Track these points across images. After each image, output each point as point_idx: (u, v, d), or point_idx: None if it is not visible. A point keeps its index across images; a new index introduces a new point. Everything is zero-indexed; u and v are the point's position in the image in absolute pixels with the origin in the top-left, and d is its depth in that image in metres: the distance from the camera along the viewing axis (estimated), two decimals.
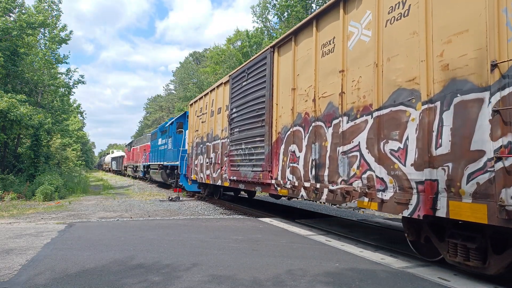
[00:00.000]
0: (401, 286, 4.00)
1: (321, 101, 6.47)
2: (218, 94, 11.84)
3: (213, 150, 11.98)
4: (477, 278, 4.38)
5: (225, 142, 10.77)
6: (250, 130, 9.11)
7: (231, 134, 10.23)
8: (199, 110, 14.04)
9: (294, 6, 26.53)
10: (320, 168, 6.35)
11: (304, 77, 7.06)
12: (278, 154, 7.87)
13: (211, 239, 6.46)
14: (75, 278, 4.17)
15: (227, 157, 10.45)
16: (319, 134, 6.47)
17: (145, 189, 22.04)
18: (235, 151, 9.94)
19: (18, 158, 20.91)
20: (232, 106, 10.29)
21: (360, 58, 5.57)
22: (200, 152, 13.49)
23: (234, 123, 10.10)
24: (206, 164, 12.58)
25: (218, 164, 11.29)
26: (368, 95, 5.36)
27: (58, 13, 20.84)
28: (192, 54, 70.61)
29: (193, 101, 15.17)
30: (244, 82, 9.61)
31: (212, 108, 12.43)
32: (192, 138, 14.90)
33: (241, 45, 36.47)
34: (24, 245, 5.91)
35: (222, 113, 11.33)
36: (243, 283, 4.04)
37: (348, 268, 4.68)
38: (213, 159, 11.80)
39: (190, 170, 15.00)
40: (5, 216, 10.15)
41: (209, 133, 12.55)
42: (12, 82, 19.76)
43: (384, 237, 7.15)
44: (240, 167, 9.55)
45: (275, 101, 8.11)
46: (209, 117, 12.61)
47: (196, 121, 14.49)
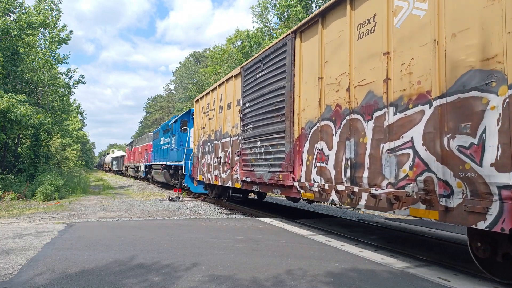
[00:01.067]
0: (402, 286, 4.00)
1: (358, 91, 5.58)
2: (228, 88, 11.02)
3: (222, 149, 11.21)
4: (477, 278, 4.38)
5: (236, 140, 10.04)
6: (266, 126, 8.27)
7: (244, 131, 9.42)
8: (206, 106, 13.17)
9: (294, 6, 26.51)
10: (357, 168, 5.50)
11: (334, 63, 6.22)
12: (301, 152, 7.05)
13: (211, 239, 6.46)
14: (75, 278, 4.17)
15: (239, 156, 9.67)
16: (355, 129, 5.60)
17: (145, 189, 22.05)
18: (248, 149, 9.11)
19: (18, 158, 20.92)
20: (244, 100, 9.47)
21: (412, 37, 4.71)
22: (207, 151, 12.76)
23: (247, 119, 9.26)
24: (214, 164, 11.82)
25: (228, 164, 10.53)
26: (424, 80, 4.50)
27: (58, 13, 20.84)
28: (192, 54, 70.64)
29: (199, 97, 14.32)
30: (259, 73, 8.75)
31: (220, 104, 11.57)
32: (198, 136, 14.06)
33: (241, 45, 36.48)
34: (24, 245, 5.91)
35: (232, 108, 10.50)
36: (243, 283, 4.04)
37: (348, 268, 4.68)
38: (222, 159, 11.05)
39: (195, 171, 14.26)
40: (5, 216, 10.15)
41: (217, 130, 11.76)
42: (12, 82, 19.76)
43: (384, 237, 7.15)
44: (255, 167, 8.72)
45: (297, 92, 7.26)
46: (218, 113, 11.79)
47: (202, 118, 13.60)
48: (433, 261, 5.11)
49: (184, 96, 61.80)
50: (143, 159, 28.79)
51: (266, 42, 29.18)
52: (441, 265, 4.94)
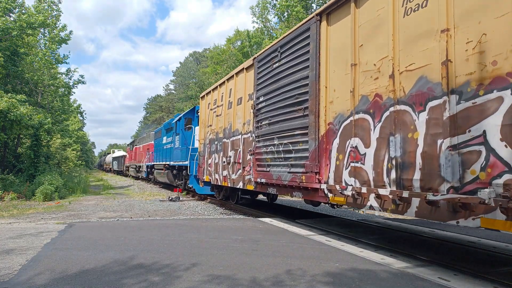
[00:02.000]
0: (401, 286, 3.99)
1: (405, 77, 4.77)
2: (238, 82, 10.23)
3: (231, 148, 10.40)
4: (477, 278, 4.38)
5: (248, 138, 9.25)
6: (285, 122, 7.46)
7: (258, 127, 8.61)
8: (213, 102, 12.34)
9: (294, 6, 26.52)
10: (405, 169, 4.68)
11: (372, 47, 5.40)
12: (329, 150, 6.26)
13: (211, 239, 6.46)
14: (75, 278, 4.17)
15: (251, 156, 8.86)
16: (402, 123, 4.77)
17: (145, 189, 22.05)
18: (263, 148, 8.30)
19: (18, 158, 20.92)
20: (258, 94, 8.69)
21: (483, 8, 3.93)
22: (214, 150, 11.97)
23: (261, 115, 8.46)
24: (223, 164, 11.00)
25: (239, 164, 9.75)
26: (503, 59, 3.68)
27: (58, 13, 20.86)
28: (192, 54, 70.69)
29: (205, 93, 13.52)
30: (275, 63, 7.94)
31: (229, 99, 10.77)
32: (204, 135, 13.26)
33: (241, 45, 36.50)
34: (24, 245, 5.91)
35: (243, 103, 9.74)
36: (242, 283, 4.04)
37: (348, 268, 4.68)
38: (232, 158, 10.26)
39: (201, 171, 13.42)
40: (5, 216, 10.15)
41: (226, 128, 10.99)
42: (12, 82, 19.77)
43: (384, 237, 7.15)
44: (271, 168, 7.93)
45: (323, 83, 6.45)
46: (226, 109, 10.95)
47: (209, 115, 12.77)
48: (433, 261, 5.11)
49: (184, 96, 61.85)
50: (145, 159, 28.20)
51: (266, 42, 29.18)
52: (441, 265, 4.93)
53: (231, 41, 40.06)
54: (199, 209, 11.95)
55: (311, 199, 6.94)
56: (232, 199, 12.41)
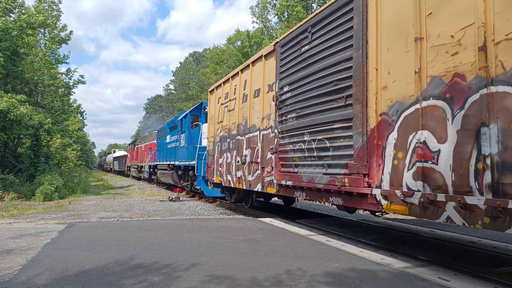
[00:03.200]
0: (402, 286, 3.99)
1: (505, 48, 3.71)
2: (255, 72, 9.21)
3: (247, 146, 9.36)
4: (477, 278, 4.38)
5: (268, 134, 8.26)
6: (320, 114, 6.36)
7: (282, 122, 7.57)
8: (224, 96, 11.32)
9: (294, 6, 26.53)
10: (507, 171, 3.61)
11: (447, 14, 4.35)
12: (381, 147, 5.15)
13: (211, 239, 6.46)
14: (75, 278, 4.17)
15: (273, 154, 7.83)
16: (501, 109, 3.69)
17: (145, 189, 22.05)
18: (289, 145, 7.28)
19: (18, 158, 20.93)
20: (281, 83, 7.64)
21: None
22: (226, 149, 10.97)
23: (286, 107, 7.42)
24: (237, 163, 9.98)
25: (257, 164, 8.75)
26: None
27: (58, 13, 20.88)
28: (192, 54, 70.76)
29: (215, 86, 12.43)
30: (305, 46, 6.88)
31: (244, 92, 9.75)
32: (214, 132, 12.19)
33: (241, 45, 36.52)
34: (24, 245, 5.91)
35: (262, 96, 8.70)
36: (242, 283, 4.04)
37: (348, 268, 4.68)
38: (248, 157, 9.22)
39: (211, 171, 12.38)
40: (5, 216, 10.15)
41: (240, 124, 9.93)
42: (12, 82, 19.79)
43: (384, 237, 7.15)
44: (300, 168, 6.87)
45: (372, 64, 5.34)
46: (241, 103, 9.95)
47: (219, 110, 11.71)
48: (433, 261, 5.11)
49: (185, 96, 61.89)
50: (147, 158, 27.41)
51: (266, 42, 29.19)
52: (441, 265, 4.93)
53: (231, 41, 40.09)
54: (199, 209, 11.95)
55: (357, 206, 5.71)
56: (246, 203, 11.40)
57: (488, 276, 4.44)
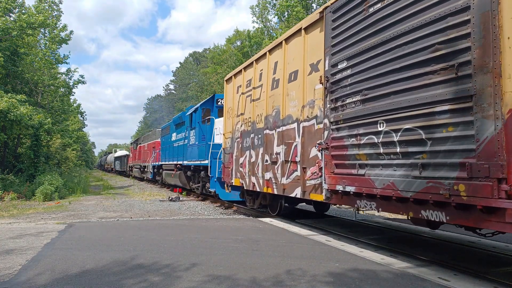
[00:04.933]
0: (402, 286, 4.00)
1: None
2: (290, 51, 7.66)
3: (280, 141, 7.79)
4: (477, 278, 4.38)
5: (312, 126, 6.67)
6: (406, 94, 4.68)
7: (336, 108, 5.92)
8: (246, 84, 9.88)
9: (294, 6, 26.55)
10: None
11: None
12: None
13: (211, 239, 6.46)
14: (75, 278, 4.17)
15: (322, 151, 6.19)
16: None
17: (145, 189, 22.05)
18: (349, 138, 5.60)
19: (18, 158, 20.93)
20: (335, 59, 6.02)
21: None
22: (249, 146, 9.44)
23: (344, 89, 5.77)
24: (265, 163, 8.39)
25: (294, 164, 7.18)
26: None
27: (58, 13, 20.88)
28: (192, 54, 70.78)
29: (233, 74, 10.91)
30: (375, 5, 5.28)
31: (274, 76, 8.23)
32: (233, 126, 10.64)
33: (242, 45, 36.55)
34: (24, 245, 5.91)
35: (301, 79, 7.09)
36: (242, 283, 4.05)
37: (348, 268, 4.68)
38: (281, 155, 7.68)
39: (228, 172, 10.85)
40: (5, 216, 10.15)
41: (269, 115, 8.39)
42: (12, 82, 19.79)
43: (384, 237, 7.15)
44: (370, 169, 5.24)
45: (509, 13, 3.67)
46: (269, 90, 8.43)
47: (239, 101, 10.22)
48: (433, 261, 5.11)
49: (185, 96, 61.93)
50: (150, 158, 26.06)
51: (266, 42, 29.20)
52: (441, 265, 4.94)
53: (231, 42, 40.11)
54: (199, 209, 11.95)
55: (479, 226, 4.01)
56: (272, 209, 9.81)
57: (488, 276, 4.44)
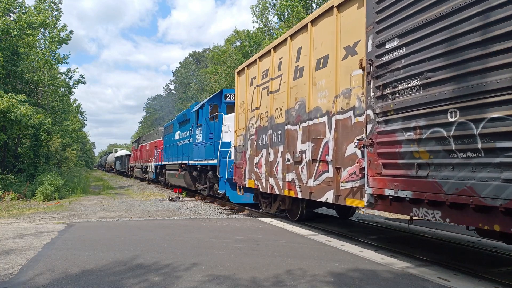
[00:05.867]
0: (402, 286, 4.00)
1: None
2: (317, 34, 6.80)
3: (306, 137, 6.93)
4: (477, 278, 4.39)
5: (349, 119, 5.80)
6: (492, 74, 3.75)
7: (385, 97, 4.99)
8: (261, 75, 9.07)
9: (294, 6, 26.56)
10: None
11: None
12: None
13: (211, 239, 6.47)
14: (76, 279, 4.17)
15: (366, 148, 5.22)
16: None
17: (145, 189, 22.05)
18: (403, 132, 4.64)
19: (18, 158, 20.93)
20: (381, 38, 5.06)
21: None
22: (266, 143, 8.61)
23: (395, 72, 4.82)
24: (286, 163, 7.57)
25: (325, 163, 6.37)
26: None
27: (58, 13, 20.89)
28: (192, 54, 70.81)
29: (246, 65, 10.11)
30: None
31: (298, 64, 7.41)
32: (246, 122, 9.86)
33: (242, 45, 36.55)
34: (24, 245, 5.91)
35: (333, 65, 6.22)
36: (242, 283, 4.05)
37: (348, 268, 4.68)
38: (308, 154, 6.82)
39: (240, 173, 10.07)
40: (5, 216, 10.15)
41: (291, 108, 7.54)
42: (12, 82, 19.78)
43: (384, 237, 7.15)
44: (435, 170, 4.29)
45: None
46: (291, 80, 7.63)
47: (254, 94, 9.41)
48: (433, 261, 5.11)
49: (185, 96, 61.97)
50: (153, 158, 25.09)
51: (266, 42, 29.21)
52: (441, 265, 4.94)
53: (230, 42, 40.11)
54: (199, 209, 11.95)
55: None
56: (292, 215, 8.86)
57: (488, 276, 4.44)
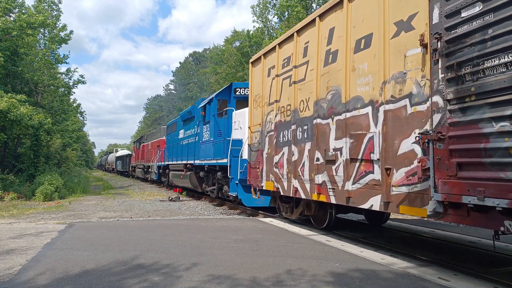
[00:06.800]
0: (402, 286, 4.00)
1: None
2: (355, 11, 5.78)
3: (342, 132, 5.87)
4: (477, 278, 4.39)
5: (403, 109, 4.75)
6: None
7: (462, 78, 3.99)
8: (282, 63, 8.05)
9: (294, 6, 26.57)
10: None
11: None
12: None
13: (211, 239, 6.47)
14: (76, 279, 4.17)
15: (431, 144, 4.23)
16: None
17: (145, 189, 22.06)
18: (496, 123, 3.63)
19: (18, 158, 20.93)
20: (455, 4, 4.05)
21: None
22: (287, 140, 7.63)
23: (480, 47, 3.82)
24: (315, 162, 6.57)
25: (368, 163, 5.33)
26: None
27: (58, 13, 20.90)
28: (192, 54, 70.80)
29: (263, 53, 9.02)
30: None
31: (329, 47, 6.35)
32: (262, 117, 8.87)
33: (241, 45, 36.53)
34: (24, 245, 5.91)
35: (380, 45, 5.15)
36: (242, 283, 4.05)
37: (348, 268, 4.68)
38: (345, 152, 5.76)
39: (256, 174, 9.08)
40: (5, 216, 10.15)
41: (321, 99, 6.51)
42: (12, 82, 19.80)
43: (384, 237, 7.15)
44: None
45: None
46: (321, 67, 6.56)
47: (273, 85, 8.42)
48: (433, 261, 5.12)
49: (184, 96, 61.97)
50: (155, 157, 24.16)
51: (266, 42, 29.21)
52: (441, 265, 4.94)
53: (229, 42, 40.09)
54: (199, 209, 11.95)
55: None
56: (318, 221, 7.73)
57: (488, 276, 4.44)
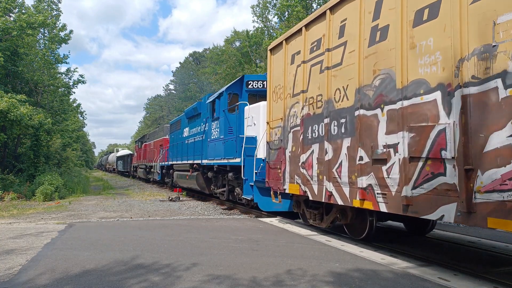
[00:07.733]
0: (402, 286, 4.00)
1: None
2: None
3: (396, 125, 4.84)
4: (477, 278, 4.39)
5: (492, 93, 3.70)
6: None
7: None
8: (310, 48, 7.04)
9: (294, 6, 26.57)
10: None
11: None
12: None
13: (211, 239, 6.47)
14: (76, 279, 4.17)
15: None
16: None
17: (145, 189, 22.06)
18: None
19: (18, 158, 20.94)
20: None
21: None
22: (318, 136, 6.62)
23: None
24: (358, 162, 5.48)
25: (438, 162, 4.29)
26: None
27: (57, 13, 20.91)
28: (192, 54, 70.75)
29: (284, 38, 7.99)
30: None
31: (377, 23, 5.32)
32: (284, 111, 7.87)
33: (242, 45, 36.52)
34: (24, 245, 5.91)
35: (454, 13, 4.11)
36: (242, 283, 4.05)
37: (348, 268, 4.68)
38: (402, 148, 4.70)
39: (276, 175, 8.10)
40: (5, 216, 10.15)
41: (365, 85, 5.45)
42: (12, 82, 19.80)
43: (384, 237, 7.15)
44: None
45: None
46: (364, 47, 5.55)
47: (297, 74, 7.42)
48: (433, 261, 5.12)
49: (184, 96, 61.97)
50: (158, 157, 23.16)
51: (266, 42, 29.20)
52: (441, 265, 4.94)
53: (229, 42, 40.08)
54: (199, 209, 11.95)
55: None
56: (354, 231, 6.70)
57: (488, 276, 4.45)
